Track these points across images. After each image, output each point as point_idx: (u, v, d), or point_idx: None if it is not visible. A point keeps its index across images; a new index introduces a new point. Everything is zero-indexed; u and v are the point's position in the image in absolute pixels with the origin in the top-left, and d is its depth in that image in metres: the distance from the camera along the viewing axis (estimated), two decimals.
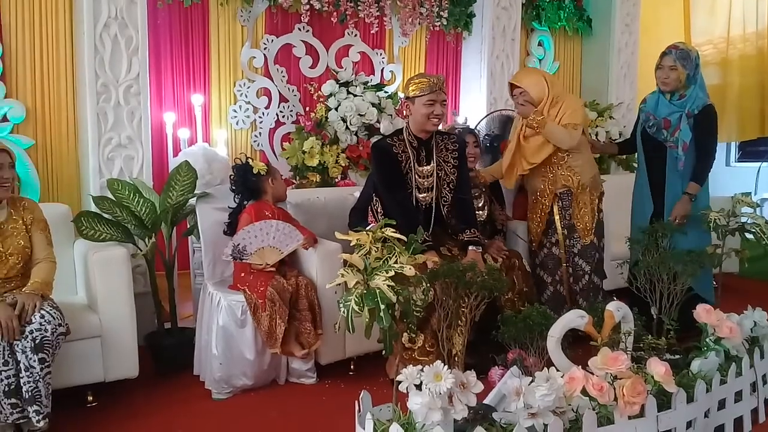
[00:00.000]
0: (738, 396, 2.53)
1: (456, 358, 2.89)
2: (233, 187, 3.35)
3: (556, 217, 3.56)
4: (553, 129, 3.41)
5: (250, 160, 3.36)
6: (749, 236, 3.41)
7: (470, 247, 3.16)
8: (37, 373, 2.42)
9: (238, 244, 3.08)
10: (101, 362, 2.84)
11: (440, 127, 3.34)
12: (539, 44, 5.91)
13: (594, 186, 3.58)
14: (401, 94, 4.14)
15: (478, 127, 4.63)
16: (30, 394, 2.41)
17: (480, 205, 3.67)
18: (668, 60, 3.44)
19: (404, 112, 3.26)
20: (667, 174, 3.51)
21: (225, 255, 3.12)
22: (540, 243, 3.64)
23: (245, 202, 3.33)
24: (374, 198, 3.34)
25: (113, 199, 3.23)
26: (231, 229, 3.28)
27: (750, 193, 3.57)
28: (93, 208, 3.26)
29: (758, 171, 6.34)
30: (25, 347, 2.42)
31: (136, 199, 3.24)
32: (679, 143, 3.40)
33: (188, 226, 3.62)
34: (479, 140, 3.75)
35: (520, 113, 3.57)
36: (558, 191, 3.55)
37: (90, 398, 2.88)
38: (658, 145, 3.53)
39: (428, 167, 3.25)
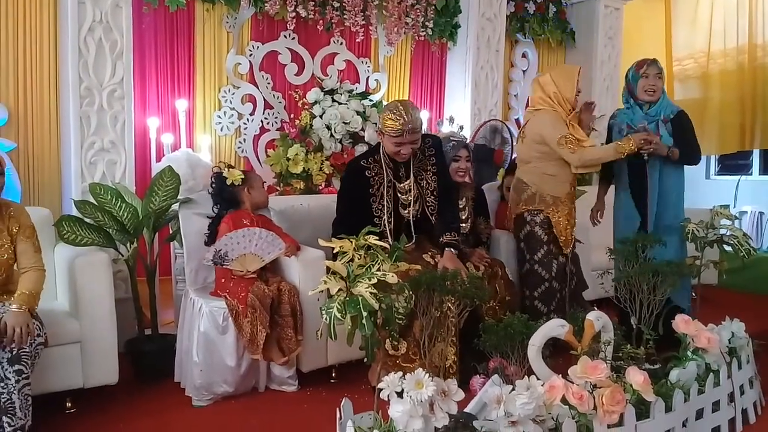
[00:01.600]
0: (716, 406, 2.56)
1: (450, 370, 2.91)
2: (212, 197, 3.35)
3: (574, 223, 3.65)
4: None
5: (226, 170, 3.32)
6: (728, 248, 3.45)
7: (446, 249, 3.17)
8: (12, 384, 2.34)
9: (220, 250, 3.07)
10: (81, 368, 2.81)
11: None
12: (523, 56, 5.97)
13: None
14: (386, 104, 4.15)
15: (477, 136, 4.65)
16: (3, 405, 2.34)
17: (464, 217, 3.68)
18: (654, 69, 3.48)
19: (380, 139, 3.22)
20: (649, 182, 3.50)
21: (206, 260, 3.11)
22: (571, 244, 3.62)
23: (224, 212, 3.32)
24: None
25: (95, 203, 3.20)
26: (210, 239, 3.27)
27: (729, 205, 3.60)
28: (74, 212, 3.23)
29: (737, 184, 6.43)
30: (2, 358, 2.35)
31: (119, 204, 3.22)
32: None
33: (170, 232, 3.60)
34: (471, 154, 3.75)
35: (575, 102, 3.59)
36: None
37: (68, 404, 2.85)
38: (639, 165, 3.51)
39: (408, 182, 3.25)
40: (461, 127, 4.94)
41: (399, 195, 3.25)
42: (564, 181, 3.56)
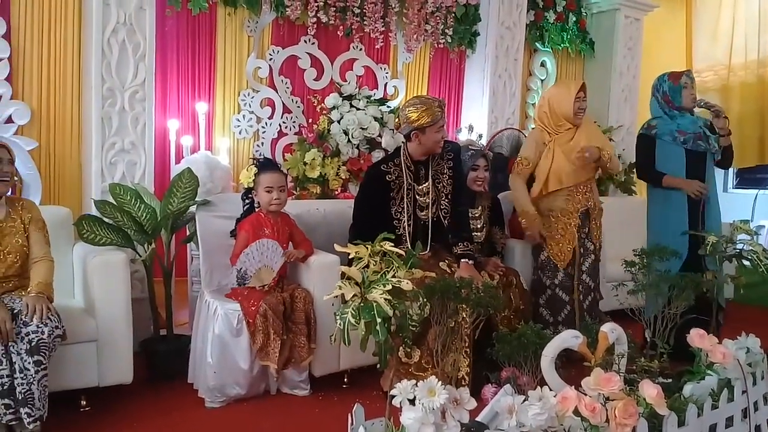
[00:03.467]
0: (729, 422, 2.54)
1: (463, 381, 2.91)
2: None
3: (575, 237, 3.63)
4: (616, 160, 3.71)
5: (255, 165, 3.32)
6: (746, 263, 3.42)
7: (462, 260, 3.19)
8: (32, 375, 2.42)
9: (240, 269, 3.06)
10: (96, 367, 2.84)
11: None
12: (542, 65, 5.96)
13: (600, 208, 3.75)
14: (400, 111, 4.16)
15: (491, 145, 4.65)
16: (23, 395, 2.41)
17: (479, 226, 3.68)
18: (690, 78, 3.71)
19: (410, 139, 3.24)
20: (707, 179, 3.69)
21: (230, 283, 3.10)
22: (569, 260, 3.64)
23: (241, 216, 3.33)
24: None
25: (114, 203, 3.24)
26: (233, 234, 3.28)
27: (748, 220, 3.61)
28: (94, 211, 3.27)
29: (755, 198, 6.37)
30: (21, 349, 2.43)
31: (138, 205, 3.26)
32: (715, 147, 3.68)
33: (188, 234, 3.63)
34: (489, 164, 3.76)
35: (575, 119, 3.62)
36: (581, 210, 3.63)
37: (83, 403, 2.88)
38: (700, 155, 3.68)
39: (426, 184, 3.28)
40: (480, 136, 4.95)
41: (417, 197, 3.27)
42: (560, 196, 3.65)
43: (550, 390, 1.99)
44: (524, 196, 3.71)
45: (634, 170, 3.90)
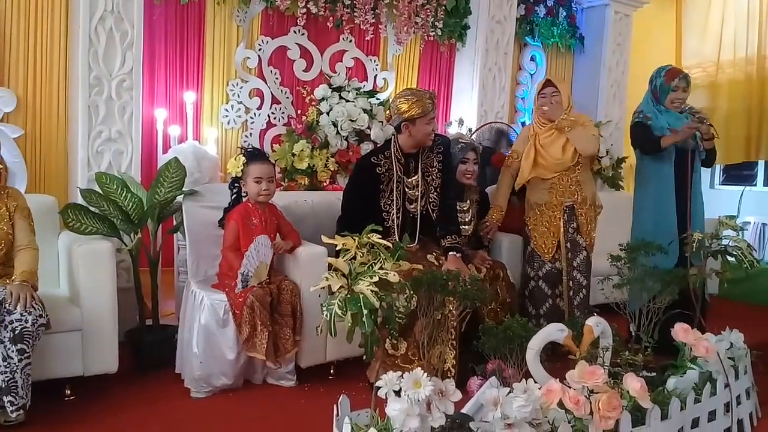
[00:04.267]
0: (712, 415, 2.56)
1: (449, 374, 2.92)
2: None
3: (561, 231, 3.62)
4: (581, 132, 3.57)
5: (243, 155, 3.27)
6: (731, 259, 3.45)
7: (450, 253, 3.20)
8: (15, 363, 2.41)
9: (244, 272, 3.02)
10: (81, 356, 2.83)
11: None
12: (531, 59, 5.96)
13: (594, 202, 3.72)
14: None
15: (474, 137, 4.65)
16: (6, 384, 2.40)
17: (467, 219, 3.69)
18: (684, 83, 3.67)
19: (401, 131, 3.26)
20: (693, 177, 3.70)
21: (238, 289, 3.04)
22: (553, 252, 3.66)
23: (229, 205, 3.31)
24: None
25: (101, 192, 3.22)
26: (221, 224, 3.27)
27: (735, 216, 3.62)
28: (80, 200, 3.24)
29: (741, 194, 6.42)
30: (4, 338, 2.41)
31: (124, 194, 3.24)
32: (701, 146, 3.68)
33: (174, 223, 3.62)
34: (479, 157, 3.77)
35: (547, 114, 3.62)
36: (565, 204, 3.62)
37: (68, 392, 2.87)
38: (687, 153, 3.66)
39: (415, 177, 3.29)
40: (470, 129, 4.95)
41: (407, 190, 3.28)
42: (542, 189, 3.67)
43: (535, 382, 2.00)
44: (501, 189, 3.80)
45: (636, 150, 3.83)
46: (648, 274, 3.04)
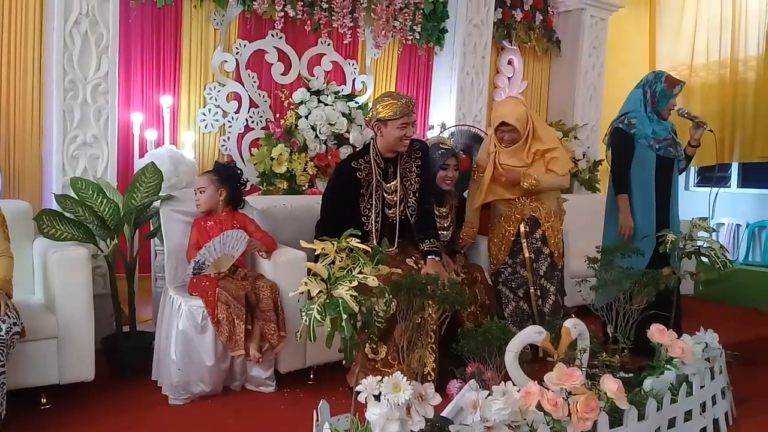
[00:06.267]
0: (688, 415, 2.59)
1: (429, 377, 2.93)
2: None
3: (523, 241, 3.61)
4: (549, 184, 3.58)
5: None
6: (705, 260, 3.49)
7: (429, 257, 3.21)
8: None
9: (199, 260, 3.06)
10: (56, 364, 2.79)
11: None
12: (509, 62, 6.01)
13: (559, 211, 3.72)
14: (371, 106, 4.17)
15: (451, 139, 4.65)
16: None
17: (446, 225, 3.69)
18: (679, 90, 3.70)
19: (375, 132, 3.27)
20: (672, 185, 3.78)
21: (187, 275, 3.08)
22: (502, 262, 3.67)
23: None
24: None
25: (76, 198, 3.18)
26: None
27: (707, 218, 3.68)
28: (55, 206, 3.21)
29: (715, 196, 6.51)
30: None
31: (100, 199, 3.20)
32: (682, 155, 3.80)
33: (151, 229, 3.58)
34: (459, 163, 3.76)
35: (505, 143, 3.58)
36: (525, 218, 3.62)
37: (44, 400, 2.83)
38: (669, 161, 3.71)
39: (394, 182, 3.29)
40: (452, 134, 4.96)
41: (386, 195, 3.28)
42: (500, 202, 3.68)
43: (514, 385, 2.01)
44: (471, 205, 3.76)
45: (610, 166, 3.82)
46: (624, 276, 3.07)
